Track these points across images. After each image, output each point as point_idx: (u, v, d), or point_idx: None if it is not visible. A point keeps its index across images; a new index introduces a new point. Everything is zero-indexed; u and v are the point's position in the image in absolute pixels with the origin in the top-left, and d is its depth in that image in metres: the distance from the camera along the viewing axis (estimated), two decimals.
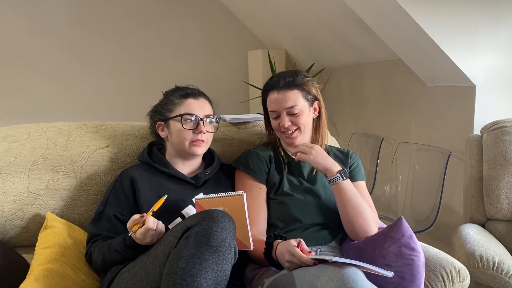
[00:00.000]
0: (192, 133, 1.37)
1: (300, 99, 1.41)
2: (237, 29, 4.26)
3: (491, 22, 2.15)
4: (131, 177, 1.36)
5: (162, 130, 1.43)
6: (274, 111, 1.43)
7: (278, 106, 1.41)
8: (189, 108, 1.38)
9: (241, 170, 1.47)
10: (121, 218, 1.32)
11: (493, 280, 1.59)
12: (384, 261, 1.22)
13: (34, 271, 1.24)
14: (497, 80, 2.24)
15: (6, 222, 1.41)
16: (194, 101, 1.40)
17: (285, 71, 1.48)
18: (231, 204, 1.20)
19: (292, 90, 1.41)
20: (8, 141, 1.47)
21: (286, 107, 1.40)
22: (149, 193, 1.34)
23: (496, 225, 1.94)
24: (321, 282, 1.04)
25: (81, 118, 1.73)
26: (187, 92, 1.42)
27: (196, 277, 1.00)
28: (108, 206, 1.34)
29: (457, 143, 2.33)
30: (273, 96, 1.43)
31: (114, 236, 1.29)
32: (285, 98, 1.40)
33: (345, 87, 3.62)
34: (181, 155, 1.42)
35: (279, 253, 1.20)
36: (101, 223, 1.33)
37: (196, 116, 1.38)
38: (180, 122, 1.36)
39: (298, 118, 1.41)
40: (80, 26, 3.78)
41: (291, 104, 1.40)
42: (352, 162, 1.53)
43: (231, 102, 4.15)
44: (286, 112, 1.41)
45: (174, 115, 1.38)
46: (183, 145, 1.37)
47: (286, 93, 1.40)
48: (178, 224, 1.12)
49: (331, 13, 2.96)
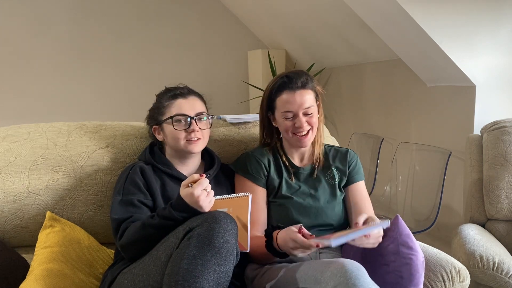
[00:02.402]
0: (185, 132, 1.36)
1: (313, 99, 1.42)
2: (237, 29, 4.26)
3: (491, 22, 2.15)
4: (141, 168, 1.35)
5: (158, 134, 1.43)
6: (290, 111, 1.40)
7: (295, 106, 1.38)
8: (178, 109, 1.37)
9: (240, 174, 1.47)
10: (145, 202, 1.29)
11: (493, 280, 1.59)
12: (382, 260, 1.23)
13: (34, 271, 1.24)
14: (497, 80, 2.24)
15: (6, 222, 1.41)
16: (183, 101, 1.39)
17: (293, 71, 1.45)
18: (236, 205, 1.20)
19: (307, 90, 1.40)
20: (8, 141, 1.47)
21: (304, 107, 1.38)
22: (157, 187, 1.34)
23: (496, 225, 1.94)
24: (324, 277, 1.05)
25: (81, 118, 1.73)
26: (176, 92, 1.41)
27: (198, 278, 1.00)
28: (125, 195, 1.30)
29: (457, 143, 2.33)
30: (288, 96, 1.39)
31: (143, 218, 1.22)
32: (303, 99, 1.38)
33: (345, 87, 3.62)
34: (180, 155, 1.42)
35: (282, 242, 1.19)
36: (125, 208, 1.27)
37: (186, 116, 1.37)
38: (171, 124, 1.36)
39: (312, 118, 1.40)
40: (80, 26, 3.78)
41: (308, 104, 1.39)
42: (351, 162, 1.52)
43: (231, 102, 4.15)
44: (303, 113, 1.39)
45: (165, 117, 1.38)
46: (179, 144, 1.37)
47: (303, 93, 1.39)
48: (181, 225, 1.12)
49: (331, 13, 2.96)
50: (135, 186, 1.31)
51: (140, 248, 1.19)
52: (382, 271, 1.22)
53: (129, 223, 1.23)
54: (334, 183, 1.47)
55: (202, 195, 1.12)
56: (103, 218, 1.49)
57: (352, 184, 1.48)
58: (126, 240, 1.20)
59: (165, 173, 1.39)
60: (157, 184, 1.35)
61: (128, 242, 1.19)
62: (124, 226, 1.22)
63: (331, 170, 1.49)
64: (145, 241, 1.17)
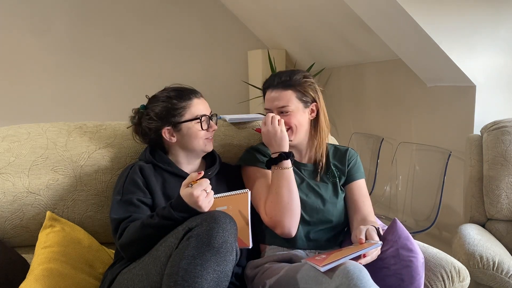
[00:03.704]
0: (206, 131, 1.39)
1: (293, 99, 1.42)
2: (237, 29, 4.26)
3: (491, 22, 2.15)
4: (140, 167, 1.35)
5: (171, 135, 1.39)
6: (268, 109, 1.46)
7: (271, 104, 1.44)
8: (200, 108, 1.39)
9: (248, 165, 1.48)
10: (144, 201, 1.29)
11: (493, 280, 1.59)
12: (383, 263, 1.23)
13: (34, 271, 1.24)
14: (497, 80, 2.24)
15: (6, 222, 1.41)
16: (198, 100, 1.41)
17: (284, 70, 1.49)
18: (235, 202, 1.21)
19: (286, 90, 1.42)
20: (8, 141, 1.47)
21: (278, 106, 1.43)
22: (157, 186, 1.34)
23: (496, 225, 1.94)
24: (325, 278, 1.05)
25: (81, 118, 1.73)
26: (187, 92, 1.41)
27: (197, 278, 1.00)
28: (125, 194, 1.29)
29: (457, 143, 2.33)
30: (269, 94, 1.46)
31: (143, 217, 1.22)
32: (278, 97, 1.42)
33: (345, 87, 3.62)
34: (190, 155, 1.42)
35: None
36: (125, 208, 1.27)
37: (207, 116, 1.41)
38: (199, 124, 1.37)
39: (290, 118, 1.42)
40: (80, 26, 3.79)
41: (283, 104, 1.42)
42: (350, 160, 1.52)
43: (231, 102, 4.15)
44: (278, 112, 1.43)
45: (187, 119, 1.37)
46: (199, 144, 1.38)
47: (279, 93, 1.43)
48: (180, 225, 1.12)
49: (331, 13, 2.96)
50: (134, 185, 1.31)
51: (139, 247, 1.19)
52: (382, 274, 1.22)
53: (128, 222, 1.22)
54: (335, 181, 1.47)
55: (201, 195, 1.12)
56: (103, 218, 1.49)
57: (352, 182, 1.49)
58: (125, 240, 1.20)
59: (166, 171, 1.38)
60: (157, 182, 1.34)
61: (128, 242, 1.19)
62: (124, 225, 1.22)
63: (331, 168, 1.49)
64: (145, 241, 1.17)
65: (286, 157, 1.36)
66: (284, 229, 1.32)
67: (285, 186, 1.34)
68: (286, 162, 1.36)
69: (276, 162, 1.37)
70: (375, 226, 1.28)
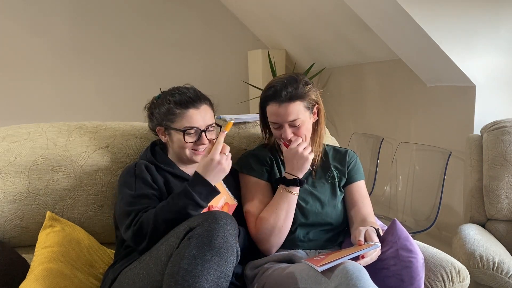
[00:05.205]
0: (194, 144, 1.34)
1: (301, 110, 1.37)
2: (237, 29, 4.26)
3: (491, 22, 2.15)
4: (146, 165, 1.34)
5: (163, 135, 1.40)
6: (275, 122, 1.40)
7: (280, 119, 1.37)
8: (191, 121, 1.33)
9: (244, 173, 1.47)
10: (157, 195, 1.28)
11: (493, 280, 1.59)
12: (382, 265, 1.22)
13: (34, 271, 1.24)
14: (497, 80, 2.24)
15: (6, 222, 1.41)
16: (195, 111, 1.34)
17: (284, 79, 1.40)
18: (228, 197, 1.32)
19: (294, 102, 1.36)
20: (8, 141, 1.47)
21: (288, 120, 1.37)
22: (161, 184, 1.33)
23: (496, 225, 1.94)
24: (325, 278, 1.05)
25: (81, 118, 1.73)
26: (187, 99, 1.34)
27: (198, 278, 1.01)
28: (138, 189, 1.27)
29: (457, 143, 2.33)
30: (274, 108, 1.37)
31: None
32: (287, 112, 1.36)
33: (345, 87, 3.62)
34: (182, 159, 1.41)
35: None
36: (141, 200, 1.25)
37: (197, 129, 1.33)
38: (182, 136, 1.33)
39: (300, 129, 1.38)
40: (80, 26, 3.79)
41: (293, 117, 1.36)
42: (350, 161, 1.52)
43: (231, 102, 4.15)
44: (289, 125, 1.38)
45: (175, 127, 1.34)
46: (184, 153, 1.35)
47: (288, 107, 1.35)
48: (181, 225, 1.12)
49: (331, 13, 2.96)
50: (144, 181, 1.30)
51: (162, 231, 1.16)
52: (382, 275, 1.22)
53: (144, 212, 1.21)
54: (334, 183, 1.47)
55: (222, 158, 1.22)
56: (103, 218, 1.49)
57: (351, 184, 1.49)
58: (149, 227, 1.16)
59: (167, 172, 1.38)
60: (161, 181, 1.35)
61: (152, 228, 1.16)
62: (141, 215, 1.20)
63: (330, 170, 1.49)
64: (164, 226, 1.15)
65: (300, 184, 1.35)
66: (267, 247, 1.36)
67: (285, 209, 1.34)
68: (296, 188, 1.36)
69: (288, 184, 1.36)
70: (375, 227, 1.27)
